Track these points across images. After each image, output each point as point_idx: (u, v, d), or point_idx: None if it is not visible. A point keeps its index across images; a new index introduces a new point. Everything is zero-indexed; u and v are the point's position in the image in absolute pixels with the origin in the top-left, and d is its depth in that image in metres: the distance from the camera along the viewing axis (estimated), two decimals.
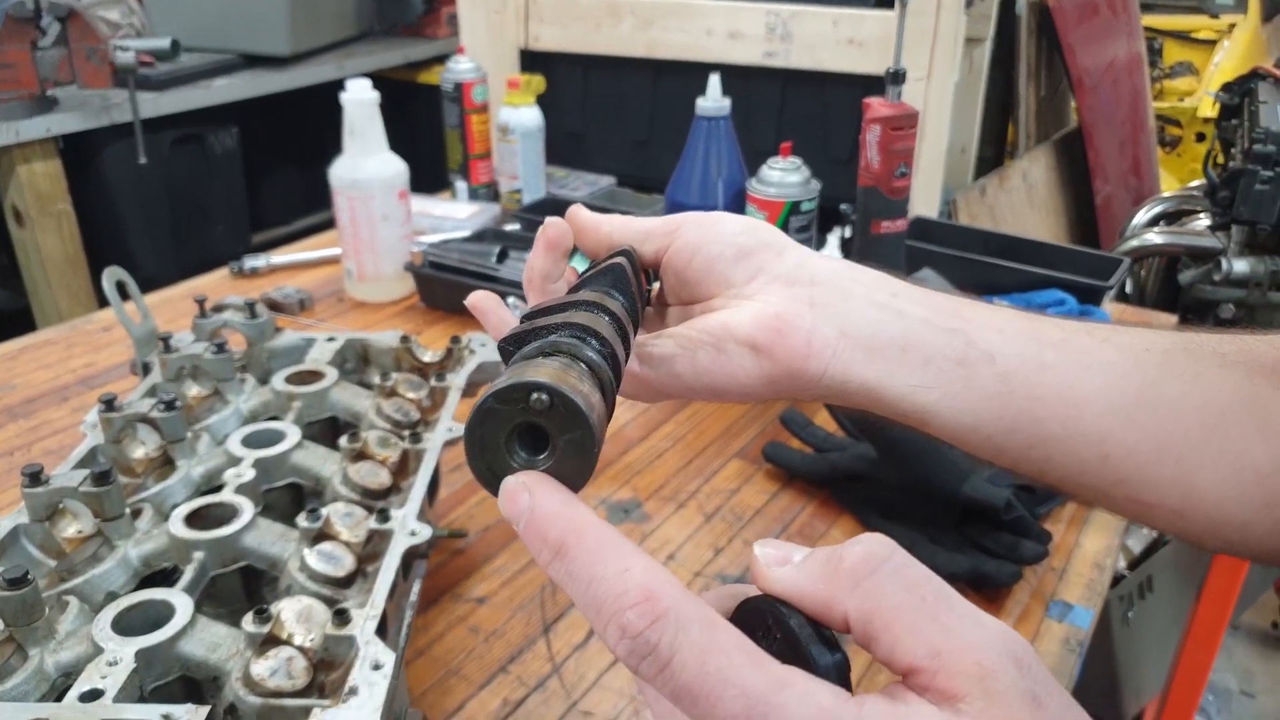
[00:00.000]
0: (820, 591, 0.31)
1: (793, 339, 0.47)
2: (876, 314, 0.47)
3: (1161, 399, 0.45)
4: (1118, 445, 0.45)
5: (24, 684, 0.58)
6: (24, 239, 2.30)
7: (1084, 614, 0.86)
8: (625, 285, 0.46)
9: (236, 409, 0.86)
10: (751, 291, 0.49)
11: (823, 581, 0.31)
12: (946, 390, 0.47)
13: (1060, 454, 0.47)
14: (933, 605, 0.30)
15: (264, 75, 2.74)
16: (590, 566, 0.31)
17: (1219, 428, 0.44)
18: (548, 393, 0.31)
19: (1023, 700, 0.28)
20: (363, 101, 1.36)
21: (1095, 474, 0.46)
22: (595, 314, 0.40)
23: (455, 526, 0.94)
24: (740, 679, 0.28)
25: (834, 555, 0.32)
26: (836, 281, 0.48)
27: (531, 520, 0.32)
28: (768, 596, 0.33)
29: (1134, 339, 0.47)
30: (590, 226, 0.54)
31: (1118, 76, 2.07)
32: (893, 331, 0.47)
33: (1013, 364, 0.46)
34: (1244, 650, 2.55)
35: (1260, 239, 1.43)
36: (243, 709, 0.58)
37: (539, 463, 0.33)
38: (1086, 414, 0.45)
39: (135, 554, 0.69)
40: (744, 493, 1.02)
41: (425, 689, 0.76)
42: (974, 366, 0.46)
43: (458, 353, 0.94)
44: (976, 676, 0.28)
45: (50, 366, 1.26)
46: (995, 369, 0.46)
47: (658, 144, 1.87)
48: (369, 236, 1.39)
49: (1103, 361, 0.46)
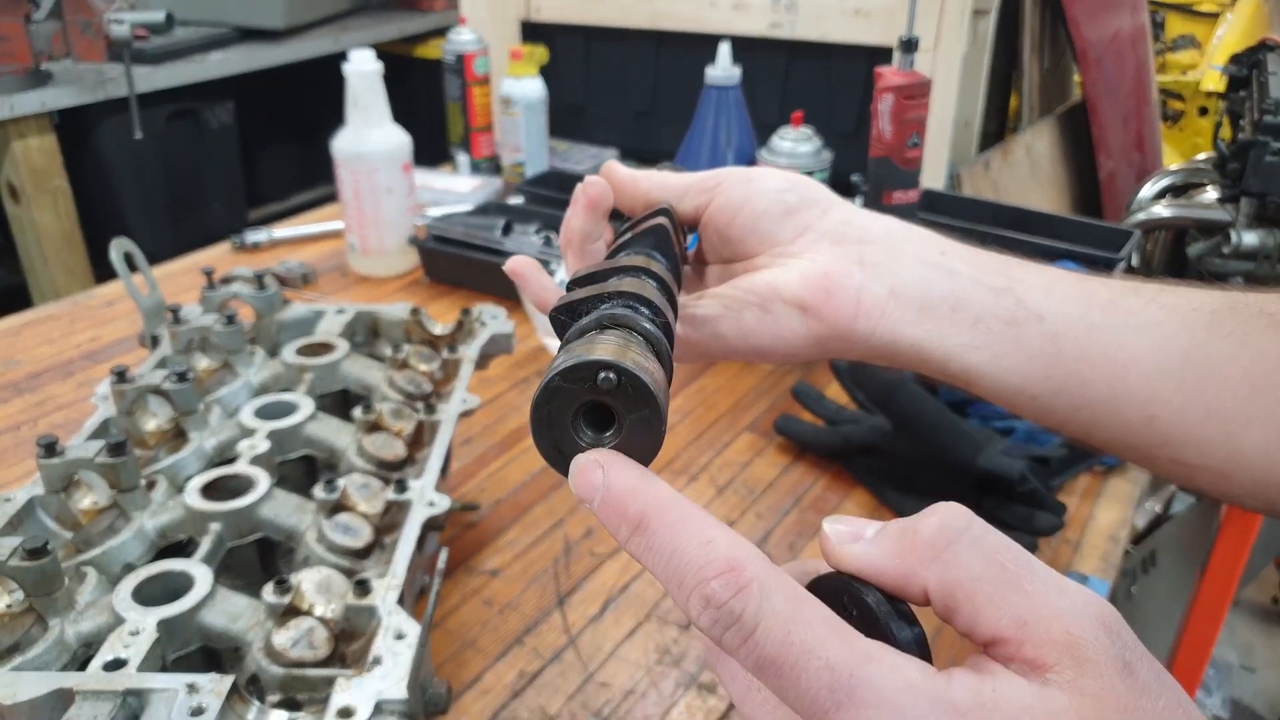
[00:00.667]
0: (897, 566, 0.31)
1: (841, 298, 0.46)
2: (927, 273, 0.47)
3: (1208, 359, 0.44)
4: (1164, 406, 0.45)
5: (45, 654, 0.58)
6: (20, 215, 2.27)
7: (1099, 585, 0.86)
8: (668, 246, 0.45)
9: (247, 381, 0.85)
10: (798, 249, 0.48)
11: (899, 556, 0.31)
12: (995, 350, 0.46)
13: (1106, 415, 0.46)
14: (1015, 574, 0.29)
15: (259, 49, 2.72)
16: (672, 539, 0.30)
17: (1266, 388, 0.43)
18: (615, 371, 0.31)
19: (1114, 667, 0.27)
20: (366, 73, 1.34)
21: (1140, 435, 0.46)
22: (643, 279, 0.39)
23: (467, 500, 0.94)
24: (825, 651, 0.28)
25: (908, 528, 0.31)
26: (886, 239, 0.48)
27: (608, 496, 0.31)
28: (841, 573, 0.32)
29: (1181, 299, 0.46)
30: (628, 182, 0.53)
31: (1122, 49, 2.06)
32: (942, 290, 0.47)
33: (1061, 324, 0.46)
34: (1245, 625, 2.56)
35: (1270, 211, 1.43)
36: (265, 679, 0.58)
37: (606, 440, 0.32)
38: (1133, 375, 0.45)
39: (151, 526, 0.69)
40: (756, 466, 1.02)
41: (442, 661, 0.76)
42: (1023, 326, 0.46)
43: (468, 325, 0.93)
44: (1065, 645, 0.27)
45: (54, 342, 1.25)
46: (1044, 329, 0.46)
47: (660, 115, 1.86)
48: (373, 210, 1.38)
49: (1150, 322, 0.45)
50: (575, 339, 0.34)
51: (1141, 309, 0.46)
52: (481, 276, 1.35)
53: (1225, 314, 0.45)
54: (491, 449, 1.03)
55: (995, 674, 0.28)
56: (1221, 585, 1.70)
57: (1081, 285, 0.47)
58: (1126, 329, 0.45)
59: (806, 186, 0.50)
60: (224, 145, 2.71)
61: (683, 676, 0.75)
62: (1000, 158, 1.86)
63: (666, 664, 0.76)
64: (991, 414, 1.02)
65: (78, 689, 0.52)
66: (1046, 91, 2.16)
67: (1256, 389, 0.43)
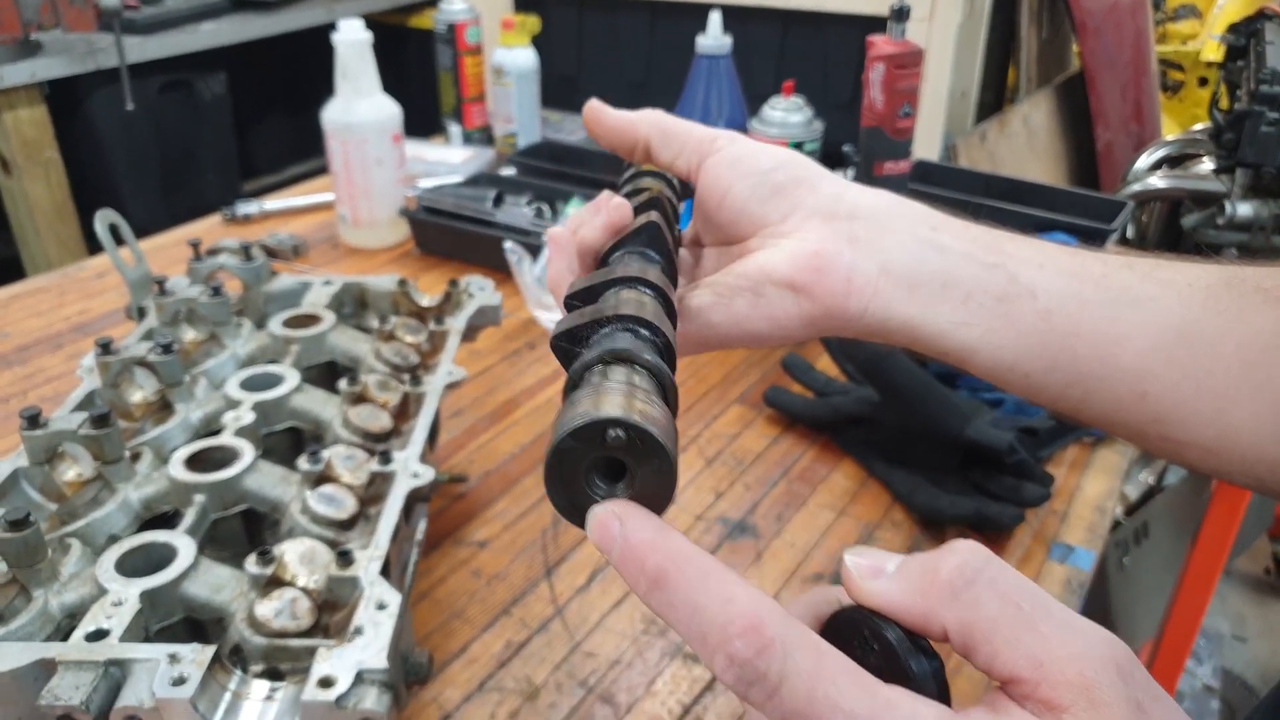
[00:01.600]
0: (918, 605, 0.32)
1: (832, 277, 0.46)
2: (918, 249, 0.46)
3: (1201, 335, 0.44)
4: (1156, 382, 0.44)
5: (29, 624, 0.58)
6: (12, 187, 2.27)
7: (1085, 556, 0.86)
8: (662, 244, 0.45)
9: (234, 353, 0.85)
10: (788, 229, 0.47)
11: (920, 595, 0.32)
12: (988, 327, 0.46)
13: (1098, 392, 0.46)
14: (1030, 615, 0.30)
15: (251, 19, 2.70)
16: (692, 596, 0.30)
17: (1259, 365, 0.43)
18: (623, 428, 0.31)
19: (1127, 709, 0.28)
20: (355, 42, 1.33)
21: (1132, 412, 0.46)
22: (640, 292, 0.39)
23: (455, 471, 0.94)
24: (848, 703, 0.29)
25: (929, 566, 0.32)
26: (876, 215, 0.47)
27: (626, 549, 0.32)
28: (862, 608, 0.33)
29: (1176, 274, 0.46)
30: (624, 126, 0.52)
31: (1121, 19, 2.05)
32: (934, 267, 0.46)
33: (1054, 300, 0.45)
34: (1237, 595, 2.57)
35: (1265, 182, 1.42)
36: (248, 649, 0.58)
37: (619, 491, 0.33)
38: (1126, 351, 0.45)
39: (136, 497, 0.69)
40: (745, 437, 1.02)
41: (429, 631, 0.76)
42: (1015, 303, 0.46)
43: (456, 297, 0.93)
44: (1080, 687, 0.28)
45: (43, 314, 1.25)
46: (1036, 305, 0.45)
47: (655, 86, 1.84)
48: (363, 181, 1.38)
49: (1144, 297, 0.45)
50: (580, 383, 0.35)
51: (1135, 284, 0.45)
52: (473, 248, 1.34)
53: (1220, 289, 0.44)
54: (481, 421, 1.03)
55: (1011, 714, 0.29)
56: (1213, 556, 1.71)
57: (1075, 260, 0.47)
58: (1120, 305, 0.45)
59: (794, 164, 0.49)
60: (217, 116, 2.70)
61: (668, 646, 0.75)
62: (997, 129, 1.85)
63: (652, 634, 0.76)
64: (980, 386, 1.02)
65: (60, 659, 0.52)
66: (1044, 62, 2.15)
67: (1248, 365, 0.43)
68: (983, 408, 0.93)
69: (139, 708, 0.51)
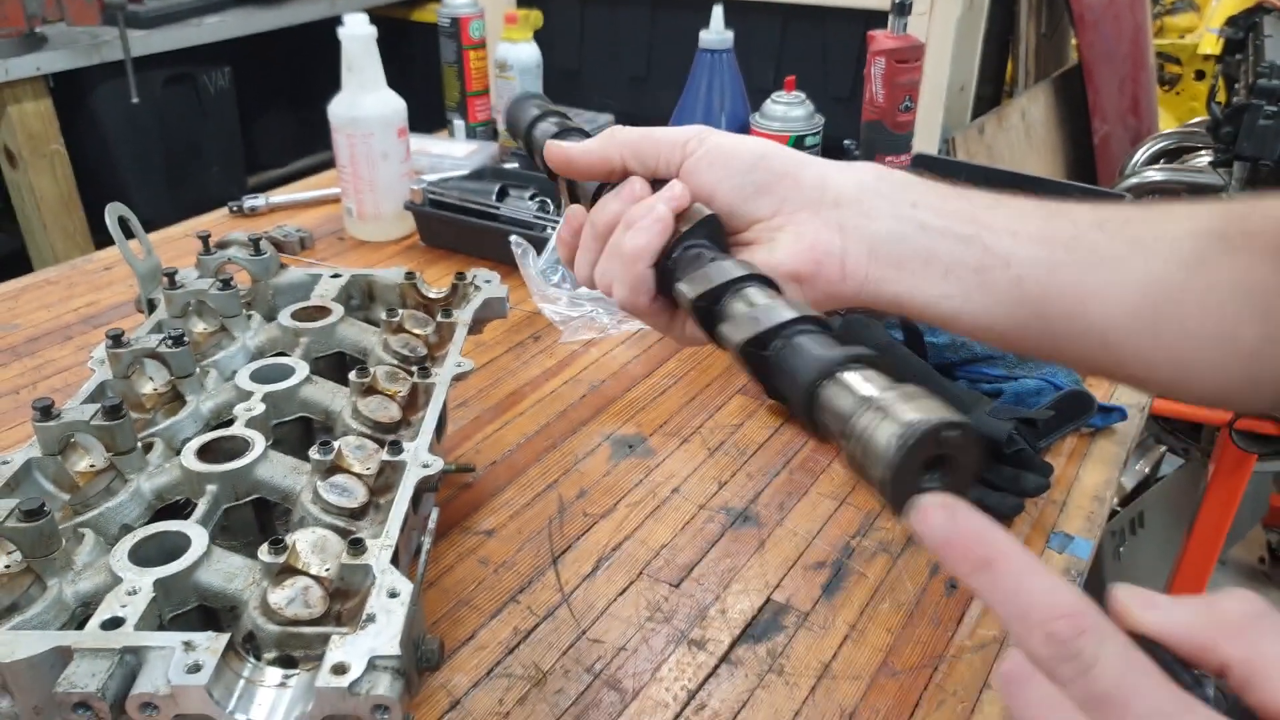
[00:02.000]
0: (1198, 637, 0.34)
1: (829, 267, 0.50)
2: (900, 228, 0.50)
3: (1163, 289, 0.48)
4: (1118, 333, 0.48)
5: (44, 613, 0.59)
6: (17, 180, 2.28)
7: (1084, 545, 0.87)
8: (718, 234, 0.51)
9: (243, 345, 0.86)
10: (779, 224, 0.51)
11: (1201, 629, 0.34)
12: (967, 297, 0.50)
13: (1067, 344, 0.50)
14: None
15: (255, 13, 2.71)
16: (1019, 580, 0.34)
17: (1215, 310, 0.47)
18: (958, 429, 0.36)
19: None
20: (360, 36, 1.34)
21: (1098, 358, 0.50)
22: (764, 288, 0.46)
23: (463, 462, 0.95)
24: (1153, 694, 0.31)
25: (1210, 606, 0.34)
26: (861, 200, 0.51)
27: (955, 538, 0.35)
28: (1137, 634, 0.35)
29: (1145, 229, 0.49)
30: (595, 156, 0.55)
31: (1119, 12, 2.05)
32: (915, 246, 0.50)
33: (1025, 268, 0.49)
34: (1231, 584, 2.58)
35: (1262, 175, 1.43)
36: (261, 637, 0.59)
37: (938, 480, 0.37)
38: (1091, 310, 0.49)
39: (148, 487, 0.70)
40: (747, 428, 1.03)
41: (437, 619, 0.77)
42: (990, 273, 0.50)
43: (463, 289, 0.94)
44: None
45: (51, 306, 1.26)
46: (1009, 273, 0.50)
47: (656, 80, 1.85)
48: (369, 175, 1.39)
49: (1110, 257, 0.49)
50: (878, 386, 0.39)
51: (1104, 244, 0.49)
52: (477, 241, 1.36)
53: (1185, 242, 0.48)
54: (487, 412, 1.05)
55: None
56: (1208, 545, 1.72)
57: (1047, 225, 0.50)
58: (1087, 267, 0.49)
59: (772, 158, 0.52)
60: (222, 110, 2.71)
61: (673, 633, 0.76)
62: (995, 122, 1.86)
63: (657, 621, 0.77)
64: (978, 377, 1.03)
65: (76, 647, 0.53)
66: (1043, 56, 2.16)
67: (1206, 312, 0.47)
68: (981, 399, 0.94)
69: (155, 694, 0.52)
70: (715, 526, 0.88)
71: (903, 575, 0.83)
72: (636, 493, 0.92)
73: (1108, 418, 1.02)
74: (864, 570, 0.83)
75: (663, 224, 0.51)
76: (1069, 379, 1.01)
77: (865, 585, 0.82)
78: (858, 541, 0.87)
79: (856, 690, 0.72)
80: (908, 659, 0.74)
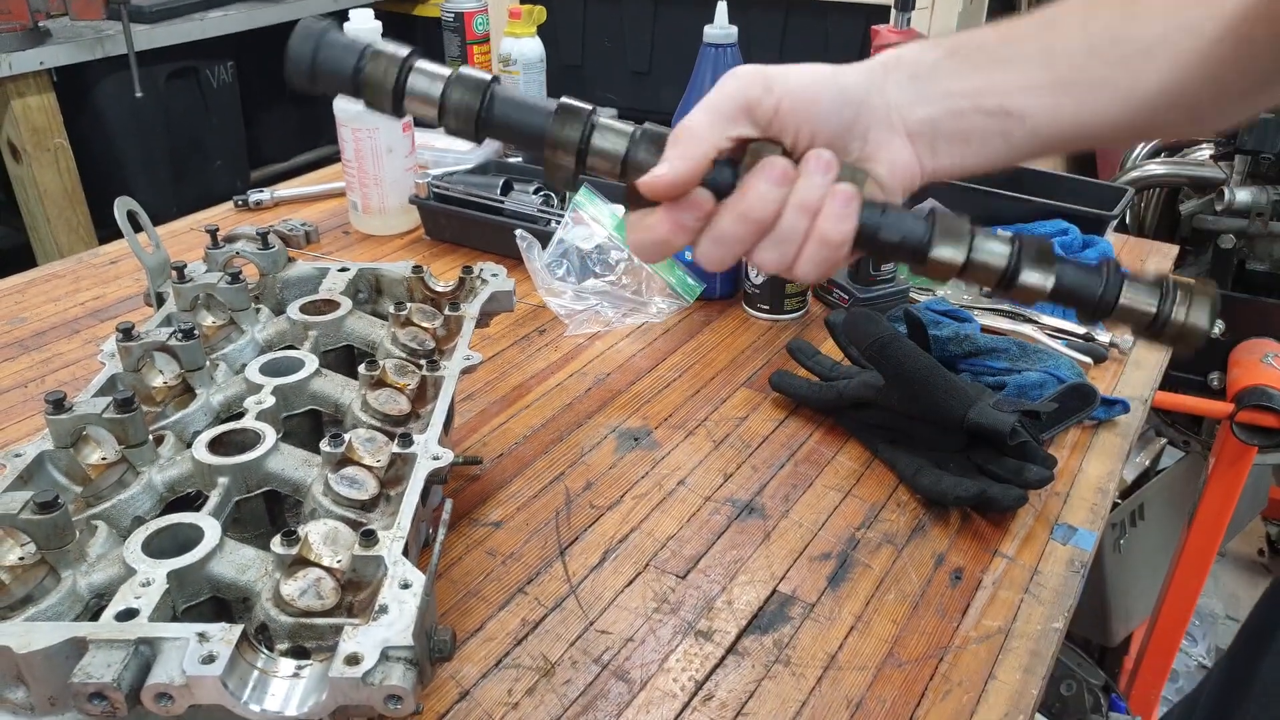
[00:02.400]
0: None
1: (914, 171, 0.62)
2: (943, 118, 0.60)
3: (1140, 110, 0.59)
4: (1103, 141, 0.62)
5: (58, 604, 0.59)
6: (21, 174, 2.28)
7: (1087, 536, 0.88)
8: None
9: (252, 338, 0.87)
10: (871, 150, 0.61)
11: None
12: (991, 158, 0.62)
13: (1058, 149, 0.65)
14: None
15: (259, 7, 2.71)
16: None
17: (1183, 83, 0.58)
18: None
19: None
20: (365, 31, 1.35)
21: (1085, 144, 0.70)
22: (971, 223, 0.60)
23: (470, 454, 0.95)
24: None
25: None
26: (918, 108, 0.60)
27: None
28: None
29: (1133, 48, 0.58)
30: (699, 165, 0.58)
31: None
32: (955, 128, 0.61)
33: (1039, 119, 0.60)
34: (1230, 576, 2.59)
35: (1263, 168, 1.43)
36: (274, 628, 0.59)
37: None
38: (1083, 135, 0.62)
39: (160, 480, 0.70)
40: (751, 420, 1.03)
41: (445, 610, 0.78)
42: (1010, 133, 0.60)
43: (470, 283, 0.95)
44: None
45: (58, 300, 1.27)
46: (1024, 127, 0.60)
47: (658, 75, 1.85)
48: (374, 169, 1.39)
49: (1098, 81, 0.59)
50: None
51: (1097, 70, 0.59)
52: (481, 235, 1.36)
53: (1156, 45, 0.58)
54: (493, 405, 1.05)
55: None
56: (1207, 538, 1.72)
57: (1053, 75, 0.59)
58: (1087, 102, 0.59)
59: (847, 90, 0.60)
60: (225, 104, 2.71)
61: (680, 624, 0.77)
62: None
63: (664, 612, 0.78)
64: (982, 369, 1.04)
65: (91, 638, 0.54)
66: None
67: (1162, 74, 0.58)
68: (985, 391, 0.94)
69: (170, 685, 0.52)
70: (721, 518, 0.89)
71: (908, 566, 0.83)
72: (643, 485, 0.93)
73: (1110, 410, 1.02)
74: (869, 562, 0.84)
75: (856, 203, 0.57)
76: (1072, 372, 1.02)
77: (870, 576, 0.82)
78: (863, 533, 0.87)
79: (862, 681, 0.72)
80: (913, 650, 0.75)
